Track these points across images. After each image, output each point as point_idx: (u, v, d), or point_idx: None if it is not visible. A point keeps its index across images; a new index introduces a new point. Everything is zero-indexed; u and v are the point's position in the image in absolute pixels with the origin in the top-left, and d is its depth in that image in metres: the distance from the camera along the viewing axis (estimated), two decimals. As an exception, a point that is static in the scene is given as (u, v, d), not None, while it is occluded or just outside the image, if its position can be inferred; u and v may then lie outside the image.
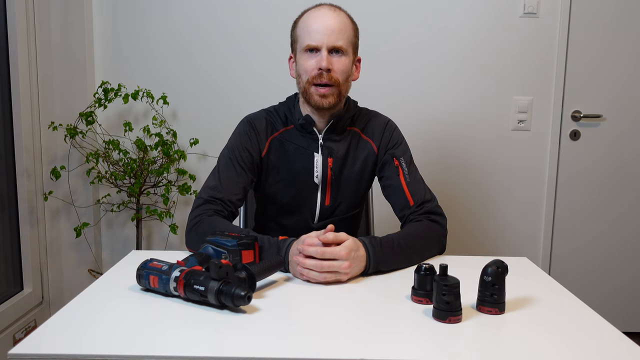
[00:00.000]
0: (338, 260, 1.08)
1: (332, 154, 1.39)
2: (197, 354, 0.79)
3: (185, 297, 0.98)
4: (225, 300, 0.93)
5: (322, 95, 1.30)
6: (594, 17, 2.31)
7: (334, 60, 1.30)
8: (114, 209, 2.30)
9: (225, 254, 1.06)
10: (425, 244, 1.27)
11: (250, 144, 1.38)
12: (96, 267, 2.36)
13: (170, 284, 0.99)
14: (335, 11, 1.32)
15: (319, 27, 1.29)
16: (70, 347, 0.81)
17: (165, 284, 0.99)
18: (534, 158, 2.38)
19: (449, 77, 2.33)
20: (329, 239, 1.09)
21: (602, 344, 0.86)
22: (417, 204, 1.34)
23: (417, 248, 1.24)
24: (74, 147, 2.23)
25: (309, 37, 1.30)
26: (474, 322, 0.93)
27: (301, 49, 1.32)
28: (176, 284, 0.98)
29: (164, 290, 1.00)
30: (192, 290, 0.96)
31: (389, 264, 1.17)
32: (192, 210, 1.29)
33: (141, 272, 1.03)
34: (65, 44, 2.22)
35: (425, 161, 2.37)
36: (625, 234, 2.44)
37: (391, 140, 1.42)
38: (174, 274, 0.99)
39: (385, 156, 1.41)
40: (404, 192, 1.36)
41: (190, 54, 2.30)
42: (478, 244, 2.43)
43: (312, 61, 1.30)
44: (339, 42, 1.29)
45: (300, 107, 1.39)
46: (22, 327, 2.14)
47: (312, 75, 1.30)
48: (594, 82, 2.35)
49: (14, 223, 2.18)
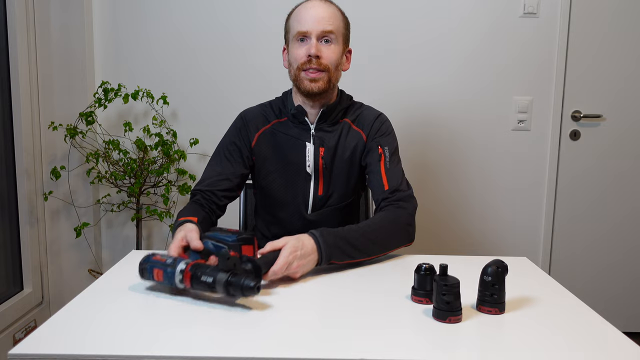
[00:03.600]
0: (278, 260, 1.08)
1: (324, 143, 1.41)
2: (197, 354, 0.79)
3: (191, 289, 0.98)
4: (234, 291, 0.93)
5: (312, 80, 1.34)
6: (594, 17, 2.31)
7: (323, 48, 1.34)
8: (114, 209, 2.30)
9: (225, 249, 1.06)
10: (387, 234, 1.25)
11: (240, 136, 1.44)
12: (96, 267, 2.36)
13: (175, 277, 0.98)
14: (326, 3, 1.38)
15: (309, 15, 1.34)
16: (70, 347, 0.81)
17: (170, 277, 0.99)
18: (534, 158, 2.38)
19: (449, 77, 2.33)
20: (267, 250, 1.10)
21: (602, 344, 0.86)
22: (390, 190, 1.34)
23: (377, 238, 1.22)
24: (74, 147, 2.23)
25: (299, 24, 1.35)
26: (474, 322, 0.93)
27: (292, 37, 1.37)
28: (182, 276, 0.97)
29: (169, 283, 1.00)
30: (199, 282, 0.96)
31: (343, 255, 1.16)
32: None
33: (145, 266, 1.02)
34: (65, 44, 2.22)
35: (425, 161, 2.37)
36: (626, 234, 2.44)
37: (380, 130, 1.44)
38: (179, 266, 0.98)
39: (371, 143, 1.42)
40: (381, 177, 1.36)
41: (190, 54, 2.30)
42: (478, 244, 2.43)
43: (302, 49, 1.35)
44: (327, 27, 1.33)
45: (292, 98, 1.43)
46: (22, 327, 2.14)
47: (302, 62, 1.34)
48: (594, 82, 2.35)
49: (14, 223, 2.18)
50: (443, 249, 2.41)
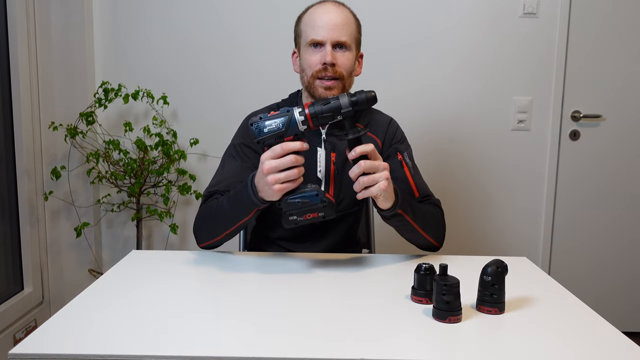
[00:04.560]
0: (377, 173, 1.08)
1: (335, 148, 1.39)
2: (197, 353, 0.79)
3: (313, 126, 1.05)
4: (360, 104, 1.05)
5: (327, 88, 1.32)
6: (594, 17, 2.31)
7: (337, 55, 1.32)
8: (114, 209, 2.30)
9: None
10: (436, 223, 1.31)
11: (251, 139, 1.40)
12: (96, 267, 2.36)
13: (297, 119, 1.04)
14: (339, 7, 1.35)
15: (323, 22, 1.31)
16: (70, 347, 0.81)
17: (292, 121, 1.04)
18: (534, 158, 2.38)
19: (449, 77, 2.33)
20: (357, 152, 1.08)
21: (602, 344, 0.86)
22: (422, 196, 1.36)
23: (430, 220, 1.28)
24: (74, 147, 2.23)
25: (313, 32, 1.31)
26: (474, 322, 0.93)
27: (305, 43, 1.34)
28: (304, 117, 1.04)
29: (292, 131, 1.05)
30: (322, 111, 1.04)
31: (411, 212, 1.20)
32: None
33: (256, 125, 1.06)
34: (65, 44, 2.22)
35: (425, 161, 2.37)
36: (625, 234, 2.44)
37: (395, 136, 1.44)
38: (296, 111, 1.04)
39: (389, 150, 1.42)
40: (409, 183, 1.36)
41: (190, 54, 2.30)
42: (478, 244, 2.43)
43: (316, 56, 1.32)
44: (342, 37, 1.31)
45: (302, 103, 1.41)
46: (22, 327, 2.14)
47: (317, 70, 1.31)
48: (594, 82, 2.35)
49: (14, 223, 2.18)
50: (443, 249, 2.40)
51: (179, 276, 1.13)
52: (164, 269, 1.17)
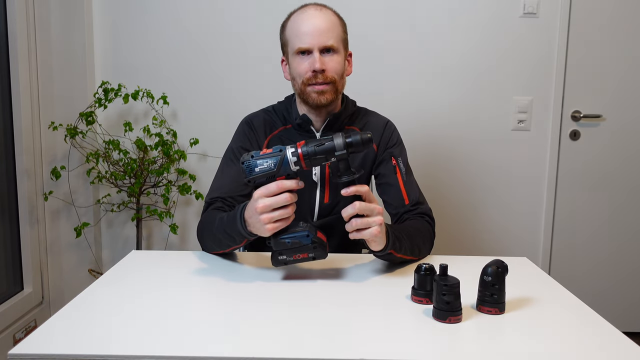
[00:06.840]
0: (371, 217, 1.05)
1: None
2: (197, 353, 0.79)
3: (307, 167, 1.03)
4: (355, 146, 1.01)
5: (319, 92, 1.31)
6: (594, 17, 2.31)
7: (326, 59, 1.30)
8: (114, 209, 2.30)
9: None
10: (424, 241, 1.28)
11: (250, 143, 1.40)
12: (96, 267, 2.36)
13: (289, 160, 1.02)
14: (322, 10, 1.32)
15: (308, 28, 1.29)
16: (70, 347, 0.81)
17: (284, 162, 1.02)
18: (534, 158, 2.38)
19: (449, 77, 2.33)
20: (351, 191, 1.04)
21: (602, 344, 0.86)
22: (412, 204, 1.36)
23: (419, 242, 1.25)
24: (74, 147, 2.23)
25: (299, 40, 1.30)
26: (474, 322, 0.93)
27: (292, 52, 1.32)
28: (297, 158, 1.02)
29: (284, 171, 1.03)
30: (315, 154, 1.02)
31: (402, 248, 1.17)
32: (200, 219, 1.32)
33: (248, 164, 1.03)
34: (65, 44, 2.22)
35: (425, 161, 2.37)
36: (625, 234, 2.44)
37: (390, 140, 1.43)
38: (288, 151, 1.02)
39: (384, 154, 1.42)
40: (400, 190, 1.36)
41: (190, 54, 2.30)
42: (478, 244, 2.43)
43: (305, 64, 1.30)
44: (329, 42, 1.29)
45: (297, 107, 1.40)
46: (22, 327, 2.14)
47: (307, 77, 1.30)
48: (594, 82, 2.35)
49: (14, 223, 2.18)
50: (443, 249, 2.41)
51: (178, 276, 1.13)
52: (163, 269, 1.17)
